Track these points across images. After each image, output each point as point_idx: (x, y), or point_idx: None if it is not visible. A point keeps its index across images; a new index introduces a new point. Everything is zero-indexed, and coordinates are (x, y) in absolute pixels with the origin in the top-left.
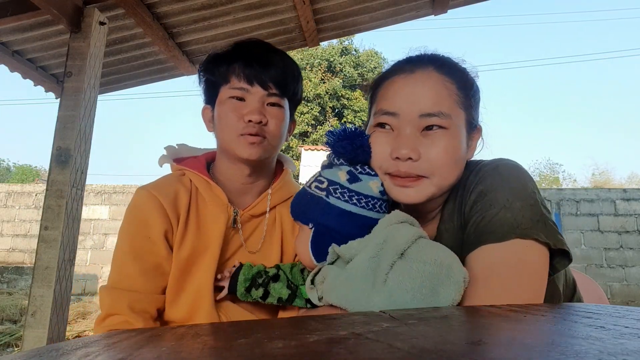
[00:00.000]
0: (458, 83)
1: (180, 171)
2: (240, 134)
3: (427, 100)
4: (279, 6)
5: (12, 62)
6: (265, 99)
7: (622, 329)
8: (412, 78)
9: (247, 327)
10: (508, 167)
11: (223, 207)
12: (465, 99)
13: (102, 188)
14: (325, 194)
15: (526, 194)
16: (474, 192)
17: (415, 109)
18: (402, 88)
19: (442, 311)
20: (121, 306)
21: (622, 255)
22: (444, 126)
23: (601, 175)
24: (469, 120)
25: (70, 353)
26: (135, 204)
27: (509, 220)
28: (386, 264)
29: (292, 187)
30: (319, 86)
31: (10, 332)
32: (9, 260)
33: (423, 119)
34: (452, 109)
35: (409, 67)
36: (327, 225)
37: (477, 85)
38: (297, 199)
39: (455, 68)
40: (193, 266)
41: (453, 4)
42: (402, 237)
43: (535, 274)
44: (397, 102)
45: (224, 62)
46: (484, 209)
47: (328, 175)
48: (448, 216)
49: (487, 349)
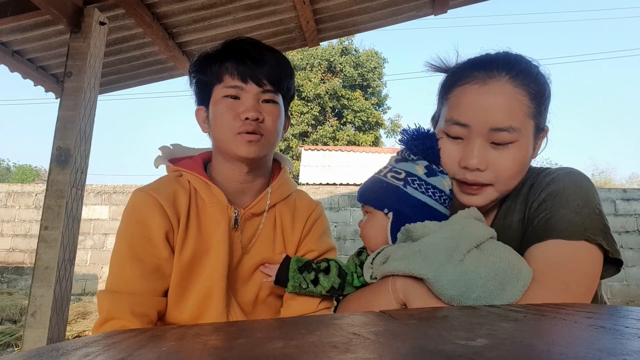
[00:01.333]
0: (531, 94)
1: (177, 172)
2: (238, 133)
3: (498, 114)
4: (279, 6)
5: (12, 62)
6: (260, 96)
7: (622, 329)
8: (485, 90)
9: (247, 327)
10: (580, 175)
11: (223, 209)
12: (536, 108)
13: (102, 188)
14: (403, 183)
15: (594, 203)
16: (545, 191)
17: (487, 122)
18: (475, 100)
19: (442, 311)
20: (121, 310)
21: (622, 255)
22: (513, 140)
23: (601, 175)
24: (537, 125)
25: (70, 353)
26: (134, 205)
27: (578, 222)
28: (464, 247)
29: (291, 185)
30: (319, 86)
31: (10, 332)
32: (9, 260)
33: (493, 133)
34: (523, 122)
35: (482, 75)
36: (403, 213)
37: (549, 91)
38: (370, 185)
39: (529, 76)
40: (196, 268)
41: (453, 4)
42: (480, 231)
43: (593, 275)
44: (470, 114)
45: (215, 61)
46: (555, 208)
47: (405, 167)
48: (505, 213)
49: (487, 349)
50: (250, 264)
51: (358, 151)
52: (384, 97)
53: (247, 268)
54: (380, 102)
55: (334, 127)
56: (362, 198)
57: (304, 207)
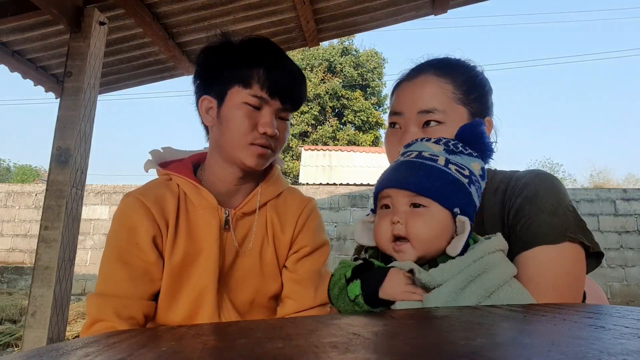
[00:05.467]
0: (455, 82)
1: (166, 176)
2: (251, 143)
3: (423, 98)
4: (279, 6)
5: (12, 62)
6: (278, 112)
7: (622, 329)
8: (413, 82)
9: (247, 327)
10: (549, 176)
11: (213, 210)
12: (464, 95)
13: (102, 188)
14: (468, 182)
15: (566, 201)
16: (520, 197)
17: (414, 106)
18: (406, 91)
19: (442, 311)
20: (108, 312)
21: (622, 255)
22: (440, 121)
23: (599, 175)
24: (473, 113)
25: (70, 353)
26: (122, 210)
27: (557, 224)
28: (472, 301)
29: (281, 184)
30: (319, 86)
31: (10, 332)
32: (9, 260)
33: (421, 116)
34: (448, 105)
35: (413, 73)
36: (471, 218)
37: (482, 83)
38: (434, 175)
39: (454, 68)
40: (188, 270)
41: (453, 4)
42: (496, 278)
43: (580, 274)
44: (401, 103)
45: (244, 62)
46: (533, 213)
47: (464, 162)
48: (486, 218)
49: (487, 349)
50: (246, 263)
51: (358, 151)
52: (384, 97)
53: (243, 268)
54: (380, 102)
55: (334, 127)
56: (421, 188)
57: (294, 205)
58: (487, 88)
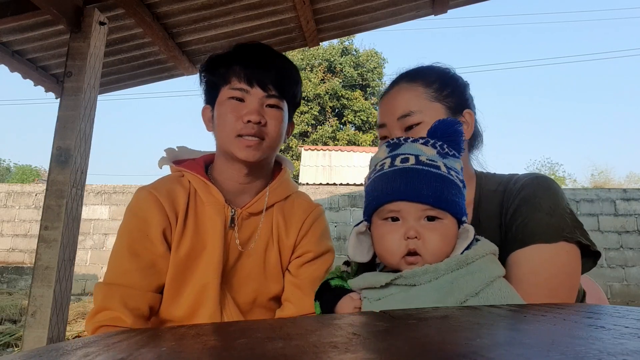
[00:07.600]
0: (426, 82)
1: (179, 172)
2: (238, 135)
3: (398, 106)
4: (279, 6)
5: (12, 62)
6: (264, 101)
7: (622, 329)
8: (389, 94)
9: (247, 327)
10: (547, 179)
11: (220, 207)
12: (437, 92)
13: (102, 188)
14: (462, 186)
15: (563, 203)
16: (518, 198)
17: (393, 115)
18: (385, 104)
19: (442, 311)
20: (114, 301)
21: (622, 255)
22: (419, 121)
23: (600, 175)
24: (450, 107)
25: (70, 353)
26: (135, 202)
27: (554, 224)
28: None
29: (290, 187)
30: (319, 86)
31: (10, 332)
32: (9, 260)
33: (401, 121)
34: (423, 104)
35: (389, 87)
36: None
37: (452, 76)
38: (446, 186)
39: (422, 72)
40: (192, 265)
41: (453, 4)
42: (483, 277)
43: (575, 274)
44: (383, 116)
45: (224, 63)
46: (530, 213)
47: (455, 165)
48: (484, 218)
49: (487, 349)
50: (249, 263)
51: (358, 151)
52: None
53: (246, 267)
54: None
55: (334, 127)
56: (437, 200)
57: (301, 210)
58: (460, 82)
